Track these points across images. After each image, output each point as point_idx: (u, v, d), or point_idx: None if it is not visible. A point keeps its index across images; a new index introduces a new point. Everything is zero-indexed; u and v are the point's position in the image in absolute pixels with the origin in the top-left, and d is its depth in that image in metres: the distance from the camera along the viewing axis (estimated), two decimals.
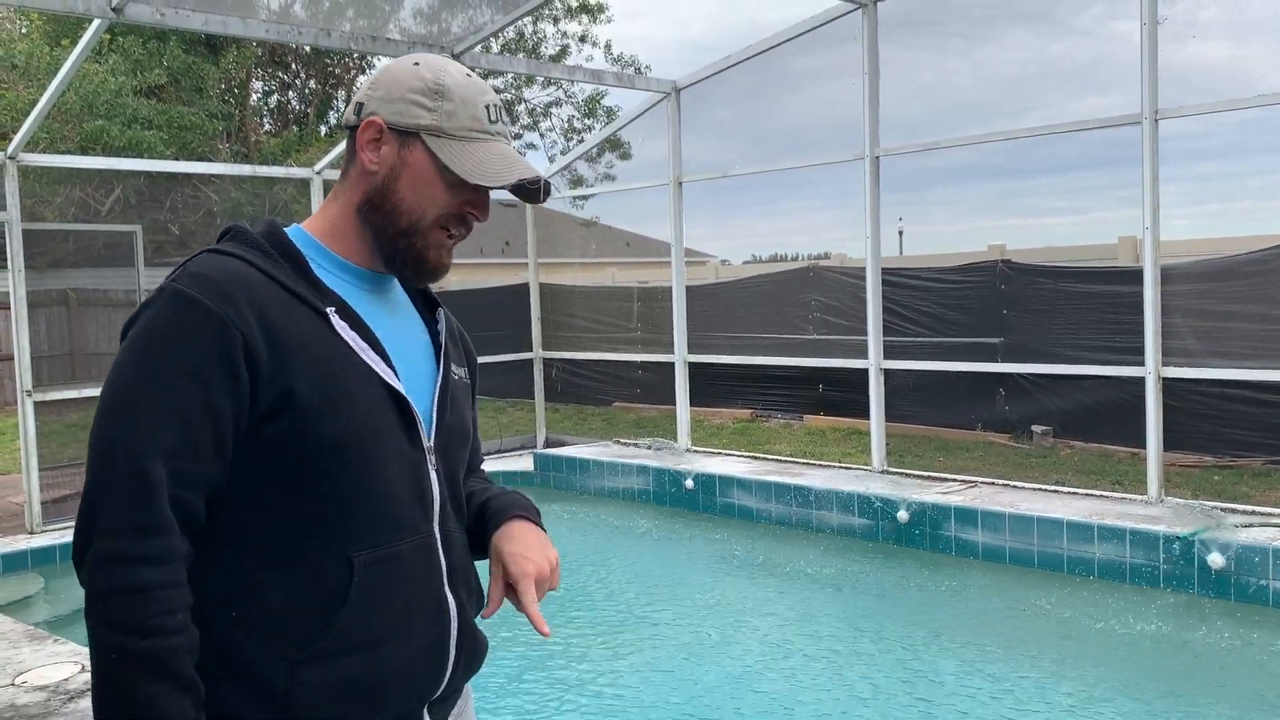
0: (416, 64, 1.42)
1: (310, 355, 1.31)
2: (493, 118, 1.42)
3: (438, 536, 1.41)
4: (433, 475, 1.42)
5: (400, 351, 1.43)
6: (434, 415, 1.44)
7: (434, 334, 1.52)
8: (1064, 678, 4.30)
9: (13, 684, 3.75)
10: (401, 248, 1.41)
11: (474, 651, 1.48)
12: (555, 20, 18.44)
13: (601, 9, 18.56)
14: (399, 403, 1.38)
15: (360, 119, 1.41)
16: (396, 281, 1.51)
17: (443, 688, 1.43)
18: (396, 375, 1.39)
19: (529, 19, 17.79)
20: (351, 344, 1.35)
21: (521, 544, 1.48)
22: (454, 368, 1.52)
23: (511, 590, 1.46)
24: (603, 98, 18.95)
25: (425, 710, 1.43)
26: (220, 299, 1.27)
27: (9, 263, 6.48)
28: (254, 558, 1.30)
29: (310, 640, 1.30)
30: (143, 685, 1.20)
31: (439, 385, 1.46)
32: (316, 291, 1.36)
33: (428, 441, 1.42)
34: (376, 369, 1.36)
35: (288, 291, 1.33)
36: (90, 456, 1.26)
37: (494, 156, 1.40)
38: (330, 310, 1.35)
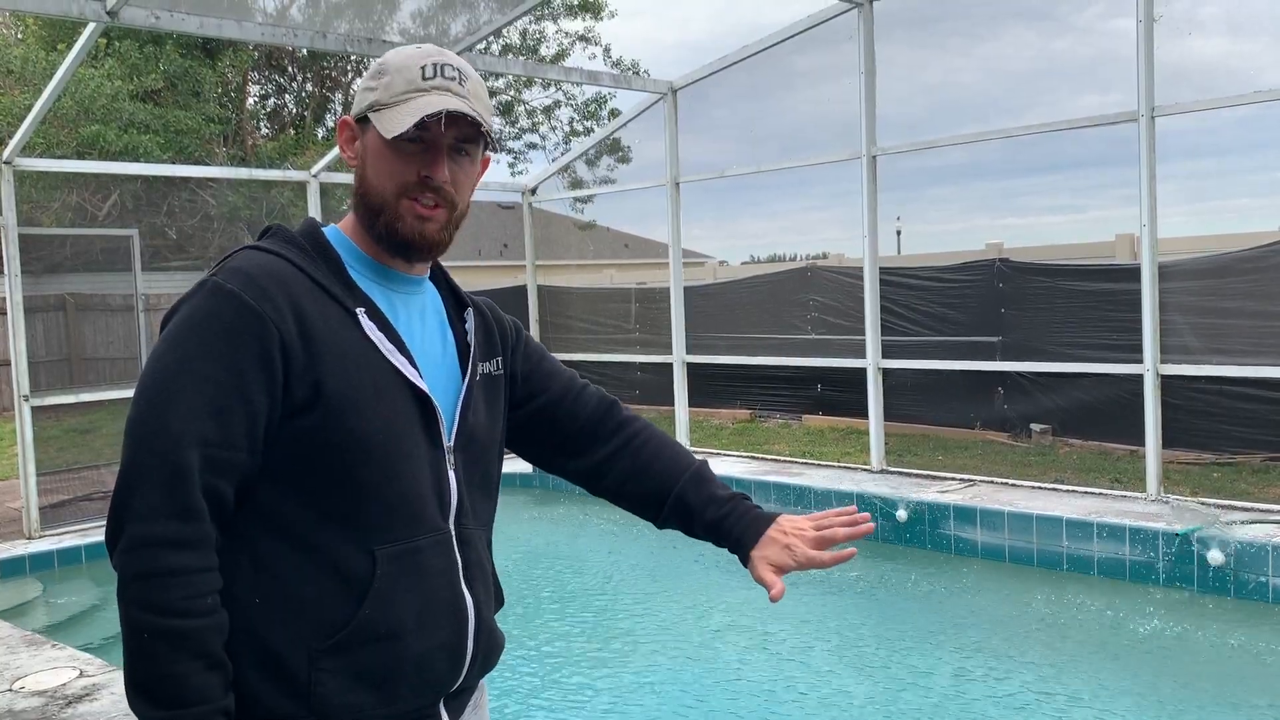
0: (381, 59, 1.46)
1: (341, 353, 1.34)
2: (428, 74, 1.39)
3: (453, 534, 1.44)
4: (450, 475, 1.45)
5: (426, 353, 1.46)
6: (456, 417, 1.47)
7: (460, 334, 1.54)
8: (1063, 676, 4.29)
9: (10, 689, 3.74)
10: (379, 229, 1.42)
11: (490, 648, 1.51)
12: (555, 19, 18.44)
13: (601, 7, 18.56)
14: (422, 402, 1.41)
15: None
16: (428, 283, 1.54)
17: (459, 682, 1.46)
18: (421, 376, 1.42)
19: (530, 18, 17.79)
20: (379, 344, 1.38)
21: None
22: (482, 366, 1.54)
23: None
24: (605, 102, 18.95)
25: (442, 705, 1.46)
26: (260, 295, 1.30)
27: (5, 268, 6.47)
28: (281, 547, 1.34)
29: (333, 629, 1.33)
30: (175, 663, 1.24)
31: (464, 388, 1.49)
32: (349, 291, 1.39)
33: (448, 442, 1.44)
34: (402, 369, 1.39)
35: (322, 289, 1.37)
36: (126, 442, 1.29)
37: (414, 107, 1.37)
38: (360, 310, 1.38)
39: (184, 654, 1.24)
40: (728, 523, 1.62)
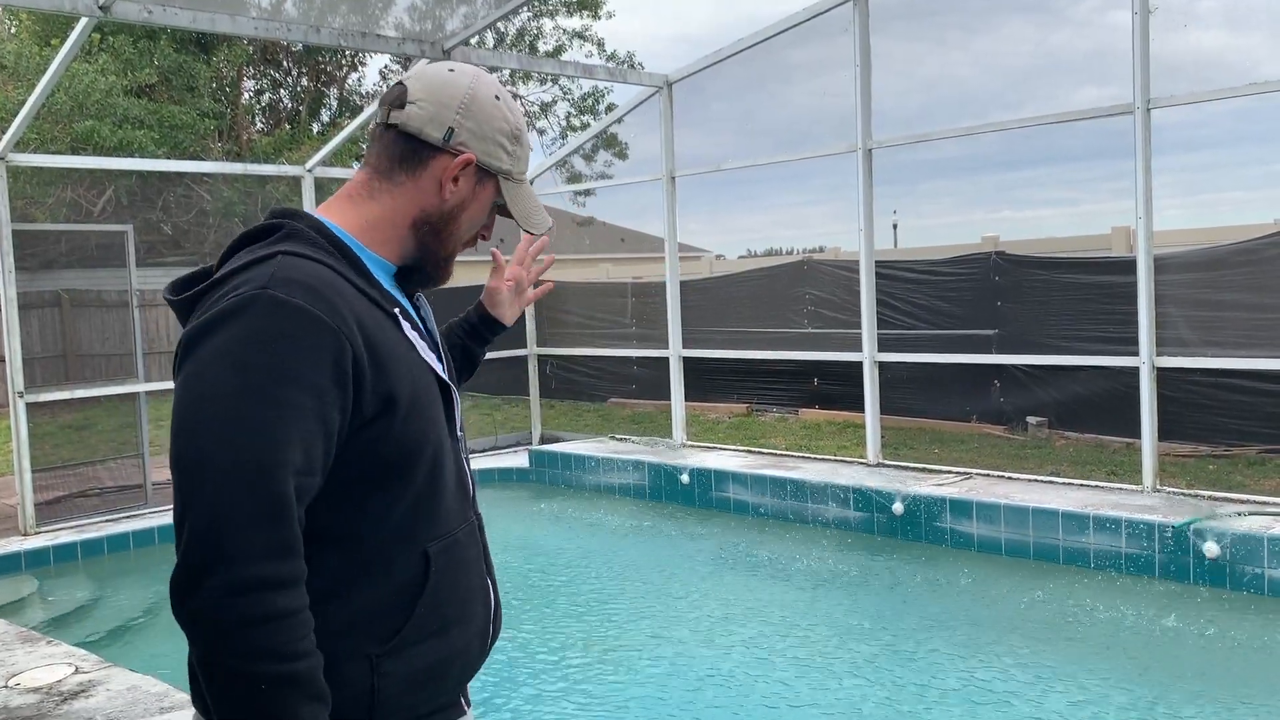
0: (498, 98, 1.44)
1: (398, 358, 1.32)
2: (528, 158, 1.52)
3: (474, 521, 1.48)
4: (465, 462, 1.48)
5: (431, 344, 1.48)
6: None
7: (422, 319, 1.54)
8: (1059, 668, 4.30)
9: (5, 686, 3.74)
10: (440, 270, 1.48)
11: (499, 630, 1.54)
12: (553, 14, 18.41)
13: (599, 4, 18.53)
14: (445, 395, 1.42)
15: (449, 145, 1.40)
16: None
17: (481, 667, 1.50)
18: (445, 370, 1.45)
19: (528, 14, 17.77)
20: (415, 343, 1.38)
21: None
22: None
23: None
24: (602, 96, 18.94)
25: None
26: (329, 309, 1.24)
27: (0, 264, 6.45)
28: (337, 561, 1.30)
29: (392, 633, 1.33)
30: (298, 708, 1.18)
31: (449, 374, 1.51)
32: (383, 294, 1.37)
33: (460, 431, 1.48)
34: (435, 366, 1.41)
35: (363, 295, 1.33)
36: (205, 476, 1.17)
37: (534, 202, 1.51)
38: (396, 311, 1.37)
39: (303, 696, 1.18)
40: (456, 323, 1.93)
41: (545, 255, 1.98)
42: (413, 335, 1.38)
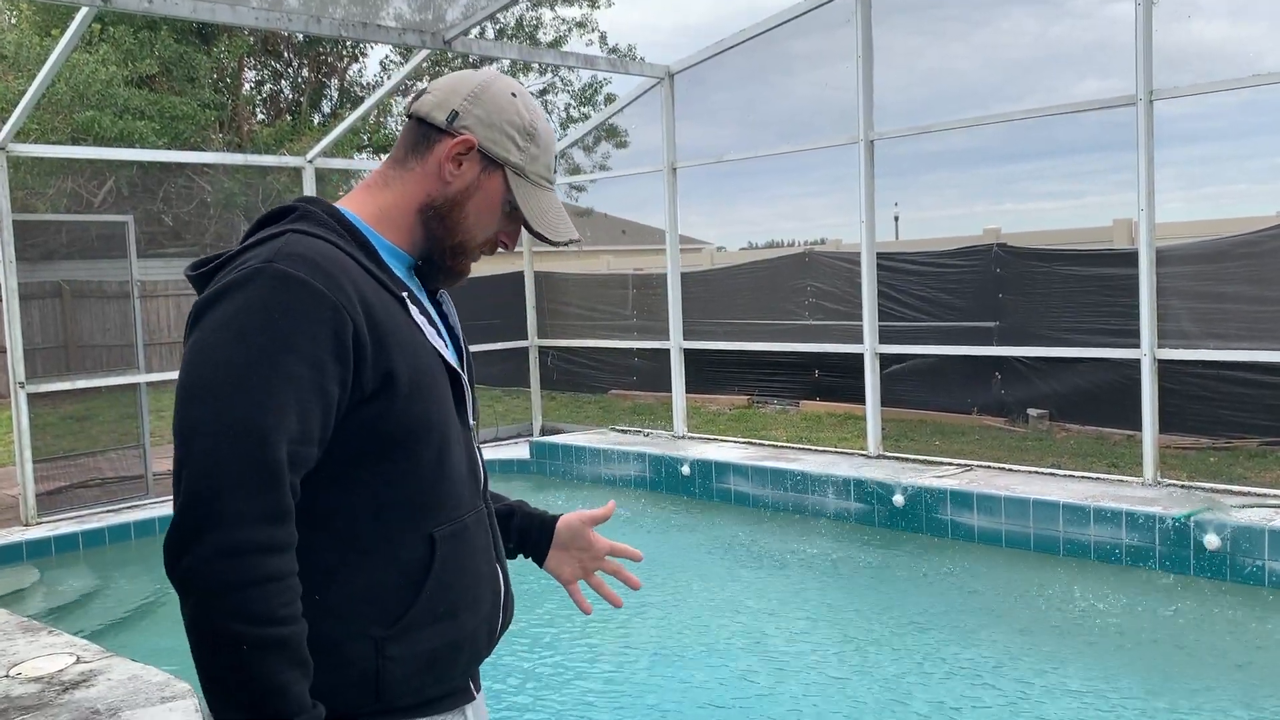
0: (514, 95, 1.47)
1: (402, 339, 1.34)
2: (554, 169, 1.52)
3: (484, 510, 1.50)
4: (476, 451, 1.51)
5: (443, 333, 1.50)
6: (468, 394, 1.51)
7: (441, 314, 1.57)
8: (1060, 660, 4.30)
9: (7, 675, 3.74)
10: (447, 261, 1.48)
11: (509, 618, 1.56)
12: (553, 5, 18.36)
13: None
14: (454, 382, 1.44)
15: (451, 127, 1.43)
16: None
17: (489, 655, 1.51)
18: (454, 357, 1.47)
19: (527, 3, 17.72)
20: (423, 328, 1.40)
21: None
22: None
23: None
24: (602, 87, 18.90)
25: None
26: (331, 284, 1.26)
27: (0, 254, 6.45)
28: (338, 541, 1.32)
29: (397, 616, 1.33)
30: (279, 673, 1.19)
31: (466, 364, 1.53)
32: (391, 277, 1.39)
33: (472, 420, 1.50)
34: (444, 353, 1.42)
35: (371, 275, 1.35)
36: (201, 443, 1.20)
37: (554, 209, 1.50)
38: (404, 295, 1.39)
39: (286, 663, 1.19)
40: (532, 513, 1.85)
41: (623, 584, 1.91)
42: (420, 320, 1.39)
